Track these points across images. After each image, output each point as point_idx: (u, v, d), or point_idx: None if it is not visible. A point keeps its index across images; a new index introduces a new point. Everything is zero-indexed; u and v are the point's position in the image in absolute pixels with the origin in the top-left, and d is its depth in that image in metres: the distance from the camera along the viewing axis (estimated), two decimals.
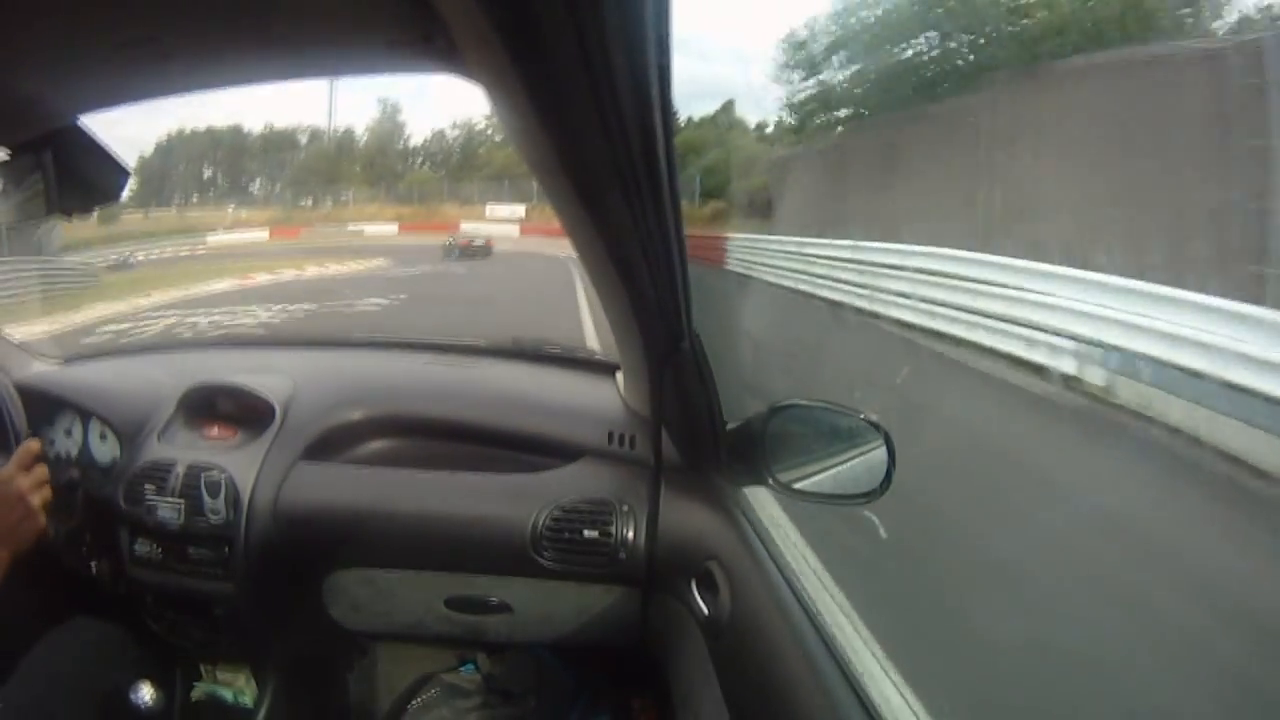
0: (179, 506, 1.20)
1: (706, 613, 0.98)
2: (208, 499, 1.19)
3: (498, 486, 1.18)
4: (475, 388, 1.40)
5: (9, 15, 0.44)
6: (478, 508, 1.17)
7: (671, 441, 1.11)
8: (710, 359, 0.92)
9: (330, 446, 1.27)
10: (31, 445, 1.11)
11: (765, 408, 0.99)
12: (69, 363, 1.60)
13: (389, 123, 28.50)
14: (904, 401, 3.73)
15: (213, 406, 1.35)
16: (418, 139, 28.89)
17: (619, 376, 1.26)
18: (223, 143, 27.50)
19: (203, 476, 1.20)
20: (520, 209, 22.97)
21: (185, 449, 1.28)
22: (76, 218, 0.75)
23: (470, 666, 1.51)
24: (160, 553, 1.23)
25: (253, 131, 28.08)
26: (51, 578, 1.28)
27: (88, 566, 1.30)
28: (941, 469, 2.83)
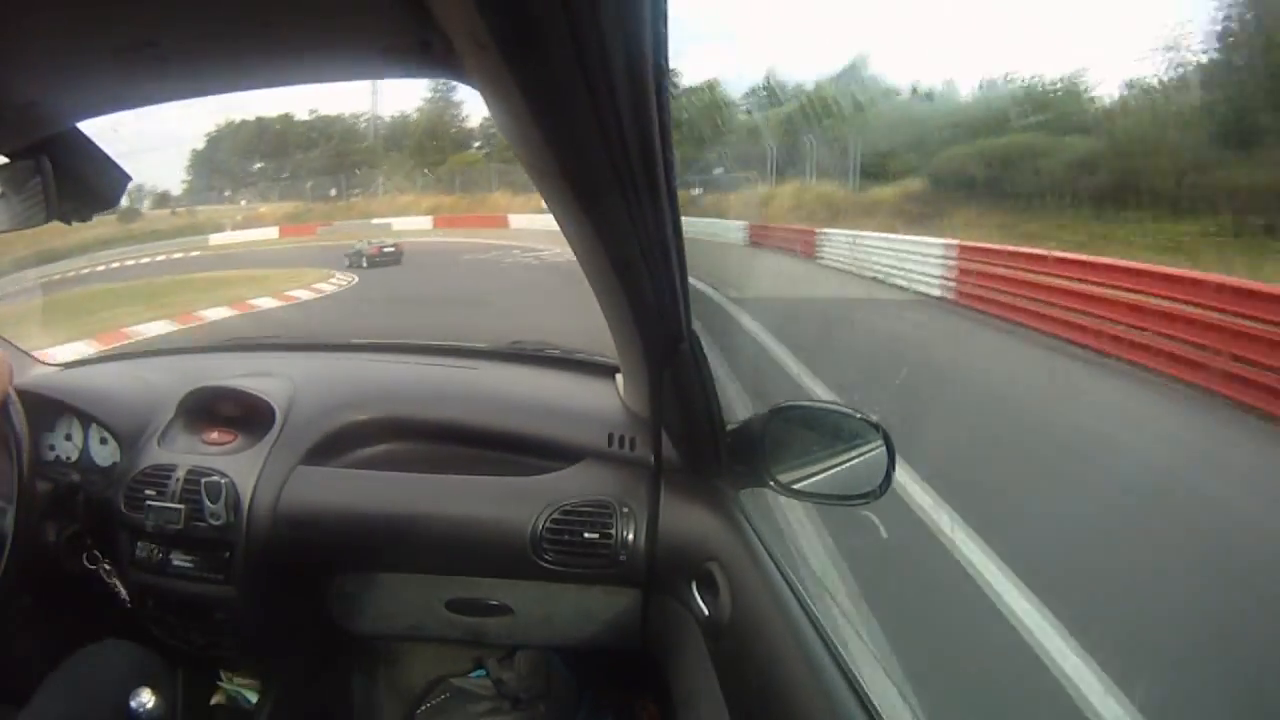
0: (179, 511, 1.20)
1: (707, 614, 0.98)
2: (208, 503, 1.19)
3: (498, 489, 1.18)
4: (475, 390, 1.40)
5: (5, 19, 0.44)
6: (478, 510, 1.17)
7: (671, 443, 1.10)
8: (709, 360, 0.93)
9: (330, 450, 1.27)
10: None
11: (765, 408, 0.99)
12: (69, 367, 1.60)
13: (442, 100, 24.72)
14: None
15: (213, 410, 1.35)
16: (475, 119, 23.85)
17: (618, 378, 1.26)
18: (259, 131, 24.40)
19: (203, 481, 1.20)
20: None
21: (185, 453, 1.28)
22: (75, 224, 0.75)
23: (482, 672, 1.51)
24: (161, 557, 1.23)
25: (293, 115, 24.74)
26: (52, 583, 1.28)
27: (88, 571, 1.30)
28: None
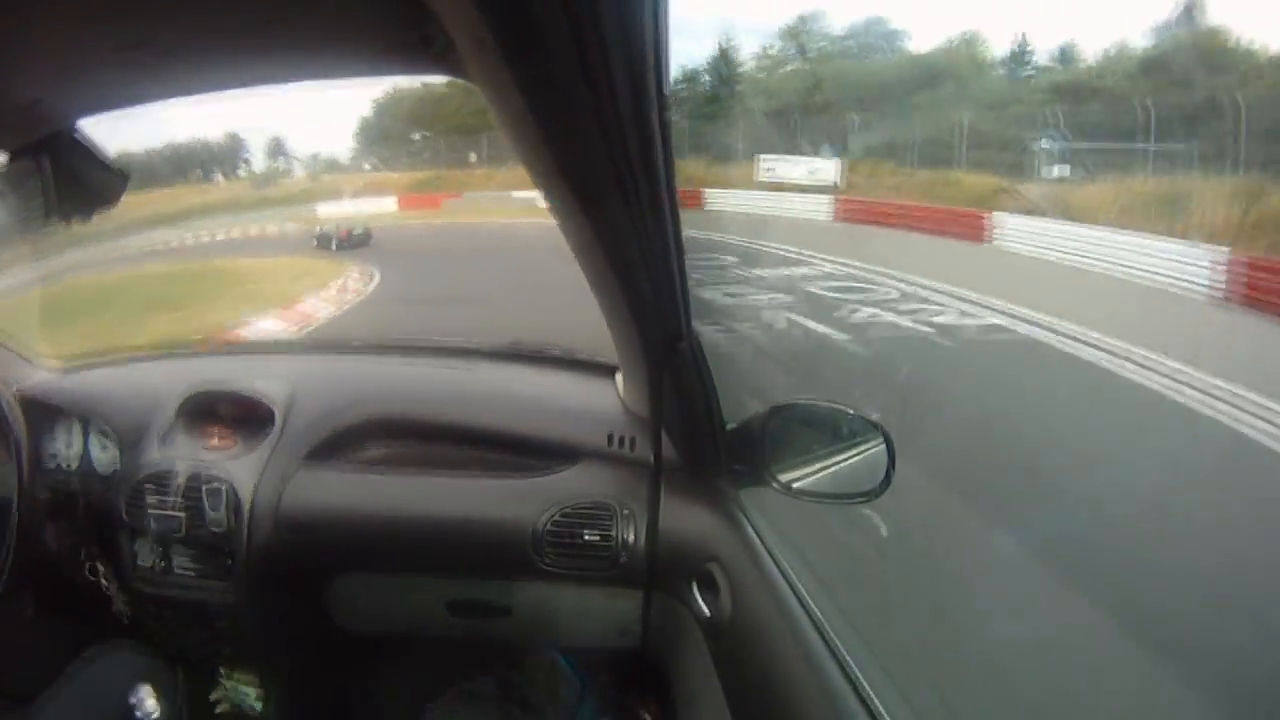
0: (180, 519, 1.20)
1: (707, 614, 0.98)
2: (209, 508, 1.19)
3: (498, 490, 1.18)
4: (474, 391, 1.39)
5: (6, 18, 0.44)
6: (478, 511, 1.16)
7: (671, 443, 1.10)
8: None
9: (330, 451, 1.27)
10: None
11: (765, 408, 0.99)
12: (69, 371, 1.60)
13: None
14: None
15: (212, 412, 1.35)
16: (678, 66, 19.28)
17: (618, 378, 1.26)
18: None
19: (204, 485, 1.20)
20: (831, 165, 14.58)
21: (186, 457, 1.27)
22: (75, 223, 0.75)
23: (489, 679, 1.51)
24: (162, 561, 1.23)
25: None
26: (54, 588, 1.27)
27: (89, 575, 1.29)
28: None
